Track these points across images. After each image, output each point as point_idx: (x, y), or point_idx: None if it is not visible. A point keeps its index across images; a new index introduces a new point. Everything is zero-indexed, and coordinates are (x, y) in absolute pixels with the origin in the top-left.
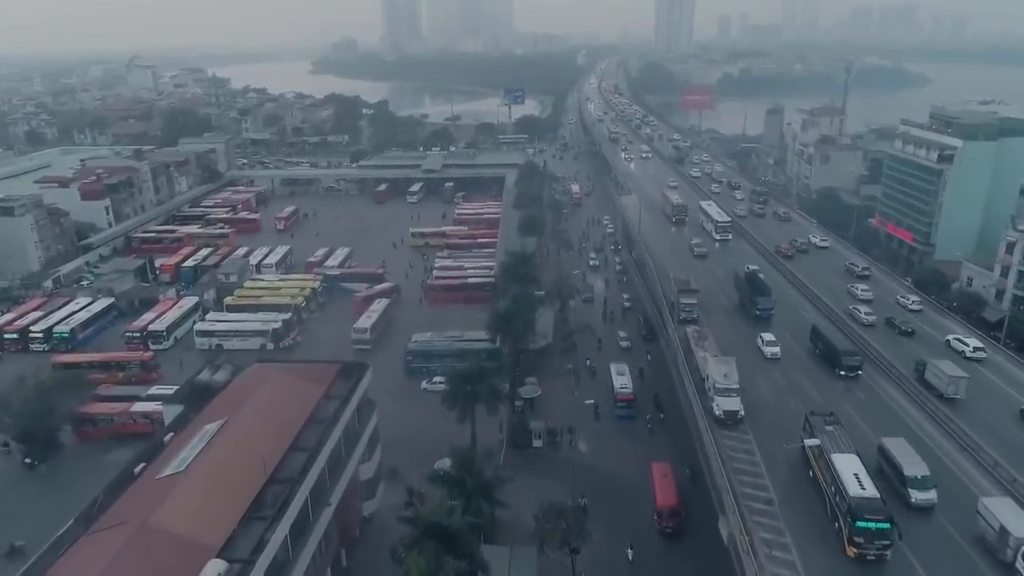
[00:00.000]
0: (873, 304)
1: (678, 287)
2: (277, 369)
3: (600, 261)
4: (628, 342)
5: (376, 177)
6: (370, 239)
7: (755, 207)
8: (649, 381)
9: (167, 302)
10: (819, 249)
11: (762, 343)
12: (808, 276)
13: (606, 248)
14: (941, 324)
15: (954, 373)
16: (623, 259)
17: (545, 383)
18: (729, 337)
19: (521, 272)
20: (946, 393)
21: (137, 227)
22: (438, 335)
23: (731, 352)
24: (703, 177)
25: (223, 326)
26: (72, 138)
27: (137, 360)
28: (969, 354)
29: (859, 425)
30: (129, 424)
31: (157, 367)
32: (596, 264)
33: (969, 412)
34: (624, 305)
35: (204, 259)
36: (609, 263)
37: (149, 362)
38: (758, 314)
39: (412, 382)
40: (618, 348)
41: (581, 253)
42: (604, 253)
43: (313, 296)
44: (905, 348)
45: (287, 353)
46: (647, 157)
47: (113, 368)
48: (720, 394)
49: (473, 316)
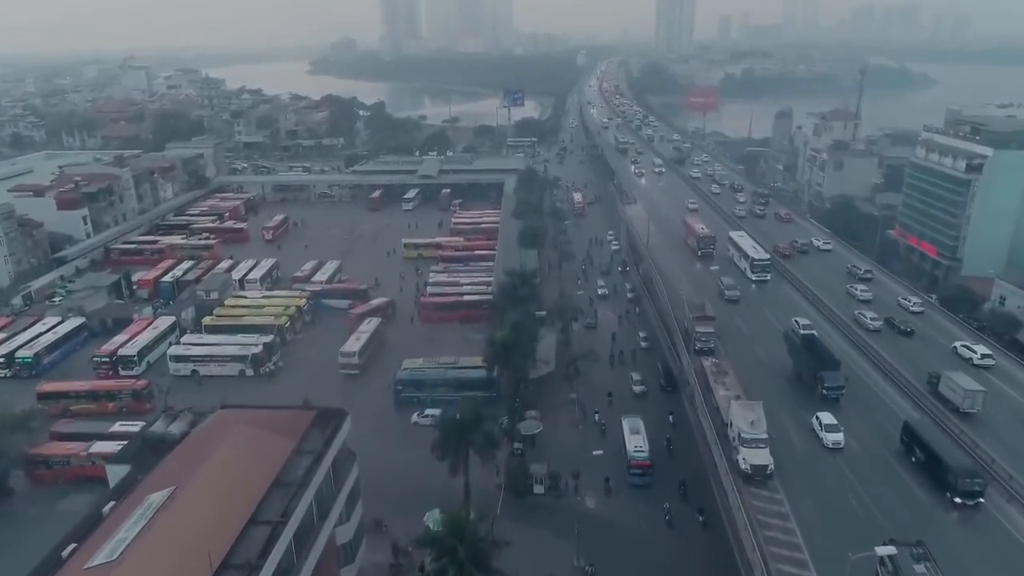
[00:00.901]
0: (873, 305)
1: (692, 313)
2: (243, 417)
3: (609, 289)
4: (643, 386)
5: (370, 183)
6: (362, 250)
7: (756, 208)
8: (675, 452)
9: (141, 322)
10: (821, 252)
11: (820, 426)
12: (808, 277)
13: (613, 270)
14: (943, 326)
15: (971, 387)
16: (635, 285)
17: (547, 415)
18: (774, 412)
19: (521, 294)
20: (962, 407)
21: (117, 238)
22: (430, 361)
23: (773, 426)
24: (703, 178)
25: (199, 350)
26: (61, 141)
27: (129, 389)
28: (977, 361)
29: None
30: (87, 467)
31: (151, 396)
32: (605, 293)
33: (978, 422)
34: (640, 344)
35: (185, 273)
36: (619, 291)
37: (142, 391)
38: (825, 394)
39: (401, 415)
40: (630, 394)
41: (587, 275)
42: (612, 276)
43: (299, 315)
44: (904, 348)
45: (268, 380)
46: (660, 171)
47: (102, 398)
48: (746, 445)
49: (469, 337)
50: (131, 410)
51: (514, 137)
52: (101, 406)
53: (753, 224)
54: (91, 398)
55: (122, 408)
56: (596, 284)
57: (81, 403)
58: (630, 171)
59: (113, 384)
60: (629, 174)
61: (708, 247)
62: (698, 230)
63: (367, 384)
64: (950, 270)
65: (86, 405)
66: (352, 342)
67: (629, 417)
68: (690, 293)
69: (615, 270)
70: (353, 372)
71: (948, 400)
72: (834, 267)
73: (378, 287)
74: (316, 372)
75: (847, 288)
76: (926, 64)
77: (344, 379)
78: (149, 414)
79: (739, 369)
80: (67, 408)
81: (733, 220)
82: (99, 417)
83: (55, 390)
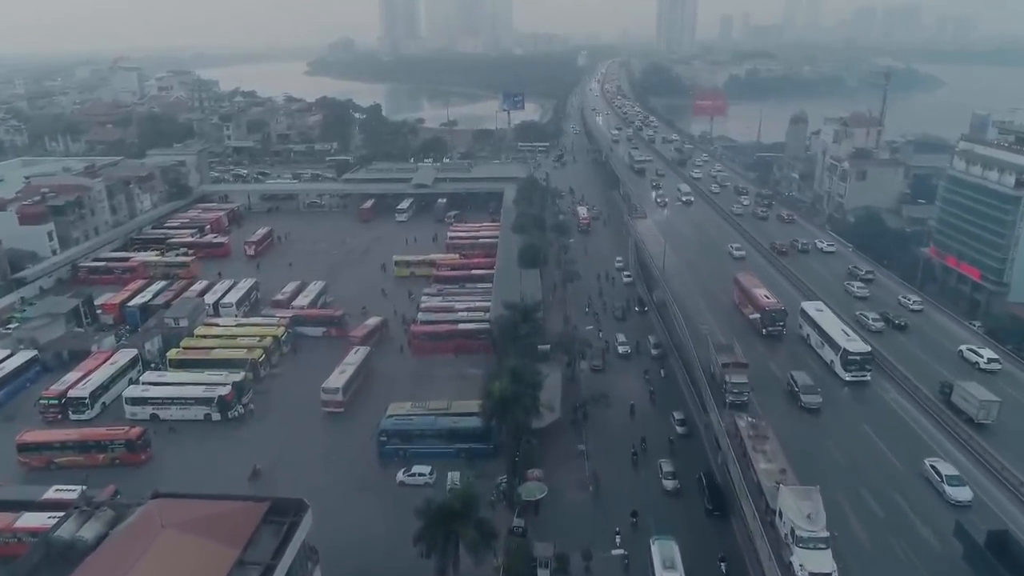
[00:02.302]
0: (870, 301)
1: (721, 358)
2: (176, 516)
3: (631, 345)
4: (675, 480)
5: (362, 192)
6: (352, 266)
7: (759, 210)
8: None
9: (98, 356)
10: (824, 254)
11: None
12: (807, 275)
13: (630, 313)
14: (943, 324)
15: (985, 397)
16: (660, 338)
17: (552, 472)
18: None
19: (522, 332)
20: (976, 418)
21: (86, 254)
22: (419, 407)
23: None
24: (705, 178)
25: (160, 391)
26: (44, 145)
27: (122, 438)
28: (983, 365)
29: None
30: (12, 543)
31: (147, 446)
32: (627, 350)
33: (988, 429)
34: (676, 429)
35: (155, 296)
36: (643, 349)
37: (137, 441)
38: None
39: (386, 472)
40: (661, 491)
41: (598, 319)
42: (630, 321)
43: (276, 346)
44: (899, 344)
45: (237, 425)
46: (689, 200)
47: (92, 449)
48: (802, 545)
49: (465, 372)
50: (124, 462)
51: (524, 142)
52: (90, 458)
53: (755, 225)
54: (79, 449)
55: (114, 460)
56: (614, 338)
57: (67, 455)
58: (650, 198)
59: (103, 433)
60: (648, 201)
61: (776, 324)
62: (761, 299)
63: (350, 427)
64: (994, 295)
65: (73, 457)
66: (336, 377)
67: (661, 540)
68: (714, 328)
69: (632, 311)
70: (336, 410)
71: (962, 411)
72: (834, 268)
73: (364, 314)
74: (292, 414)
75: (844, 286)
76: (929, 65)
77: (324, 420)
78: (144, 465)
79: (827, 515)
80: (51, 461)
81: (732, 218)
82: (32, 482)
83: (37, 440)
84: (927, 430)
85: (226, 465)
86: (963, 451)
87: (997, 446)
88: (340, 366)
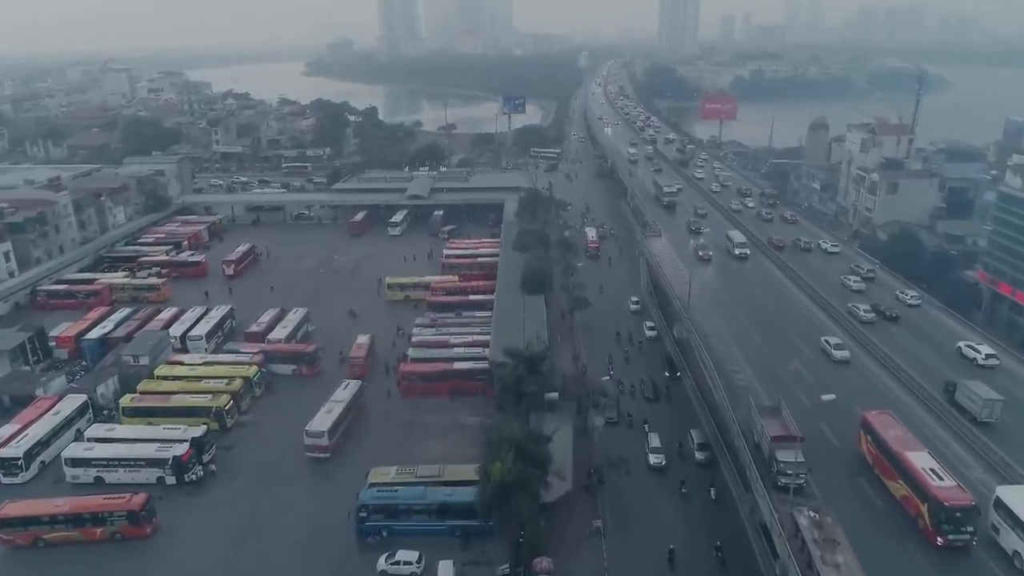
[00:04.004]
0: (865, 295)
1: (767, 428)
2: None
3: (670, 448)
4: None
5: (353, 203)
6: (338, 288)
7: (763, 212)
8: None
9: (40, 404)
10: (828, 254)
11: None
12: (806, 271)
13: (661, 385)
14: (941, 321)
15: (989, 396)
16: (707, 434)
17: (563, 555)
18: None
19: (527, 389)
20: (980, 417)
21: (47, 276)
22: (406, 472)
23: None
24: (707, 178)
25: (106, 450)
26: (25, 151)
27: (123, 509)
28: (981, 361)
29: None
30: None
31: (152, 517)
32: (661, 461)
33: (989, 425)
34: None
35: (117, 326)
36: (686, 451)
37: (140, 512)
38: None
39: (365, 557)
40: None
41: (618, 402)
42: (662, 403)
43: (248, 388)
44: (892, 334)
45: (194, 490)
46: (745, 255)
47: (87, 522)
48: None
49: (462, 420)
50: (127, 536)
51: (539, 148)
52: (86, 532)
53: (759, 226)
54: (72, 523)
55: (115, 534)
56: (646, 443)
57: (58, 530)
58: (688, 247)
59: (100, 503)
60: (686, 253)
61: (963, 531)
62: (929, 480)
63: (331, 485)
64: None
65: (64, 532)
66: (321, 417)
67: None
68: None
69: (662, 383)
70: (322, 456)
71: (965, 410)
72: (835, 266)
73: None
74: (262, 474)
75: (840, 280)
76: (933, 65)
77: (299, 479)
78: (150, 539)
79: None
80: (39, 537)
81: (732, 217)
82: (18, 563)
83: (22, 514)
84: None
85: (180, 544)
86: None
87: (1001, 443)
88: (327, 404)
